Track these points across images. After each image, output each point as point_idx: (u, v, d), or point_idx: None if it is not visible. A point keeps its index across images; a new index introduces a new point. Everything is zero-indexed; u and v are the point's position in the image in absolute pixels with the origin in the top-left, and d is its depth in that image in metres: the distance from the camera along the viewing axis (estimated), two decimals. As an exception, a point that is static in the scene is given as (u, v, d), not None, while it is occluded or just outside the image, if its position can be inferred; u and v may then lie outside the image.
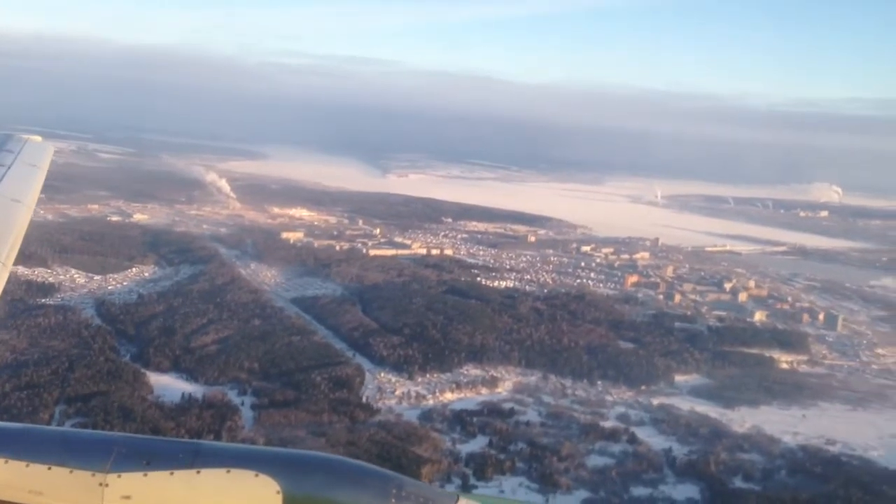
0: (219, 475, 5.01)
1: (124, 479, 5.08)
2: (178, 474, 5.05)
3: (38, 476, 5.17)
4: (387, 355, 73.38)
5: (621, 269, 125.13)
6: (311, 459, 5.27)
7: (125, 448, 5.24)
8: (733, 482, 54.81)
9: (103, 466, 5.12)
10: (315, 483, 4.97)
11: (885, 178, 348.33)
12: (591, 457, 57.40)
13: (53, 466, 5.17)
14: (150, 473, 5.08)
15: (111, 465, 5.12)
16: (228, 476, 5.00)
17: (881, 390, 78.81)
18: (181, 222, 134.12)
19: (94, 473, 5.11)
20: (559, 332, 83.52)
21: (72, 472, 5.13)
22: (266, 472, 4.95)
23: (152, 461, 5.12)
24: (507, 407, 65.60)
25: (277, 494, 4.89)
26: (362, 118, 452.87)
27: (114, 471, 5.10)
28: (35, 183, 14.83)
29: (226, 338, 73.16)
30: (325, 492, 4.92)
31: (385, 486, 4.93)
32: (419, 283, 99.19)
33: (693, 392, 74.00)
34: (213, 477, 5.01)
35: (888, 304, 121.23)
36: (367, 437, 55.20)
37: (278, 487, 4.89)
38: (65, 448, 5.34)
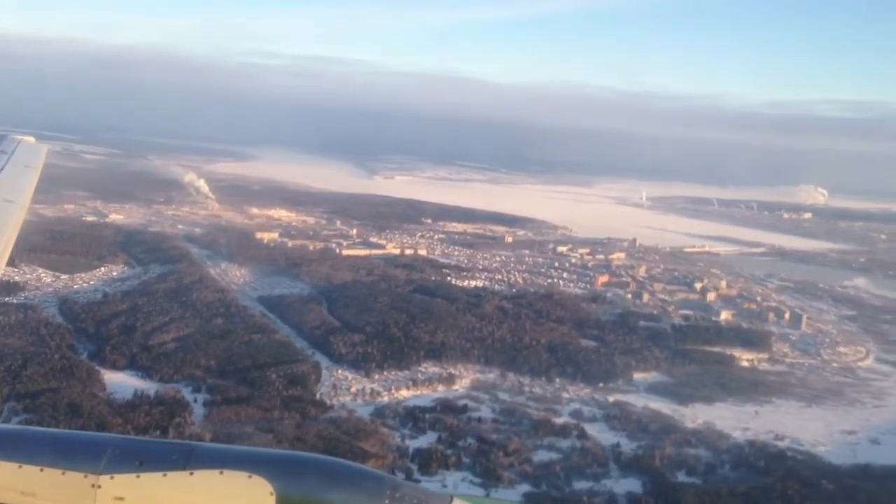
0: (212, 476, 4.98)
1: (117, 481, 5.05)
2: (171, 475, 5.01)
3: (30, 477, 5.13)
4: (346, 353, 73.92)
5: (595, 269, 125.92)
6: (306, 461, 5.24)
7: (118, 449, 5.23)
8: (676, 476, 55.48)
9: (96, 468, 5.09)
10: (309, 484, 4.93)
11: (870, 181, 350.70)
12: (538, 452, 58.03)
13: (46, 468, 5.14)
14: (142, 475, 5.05)
15: (104, 466, 5.10)
16: (222, 477, 4.96)
17: (838, 388, 79.66)
18: (157, 222, 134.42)
19: (87, 475, 5.08)
20: (522, 330, 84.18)
21: (64, 473, 5.11)
22: (260, 474, 4.91)
23: (145, 462, 5.09)
24: (461, 404, 66.21)
25: (271, 496, 4.85)
26: (348, 119, 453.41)
27: (106, 472, 5.07)
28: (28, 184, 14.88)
29: (185, 336, 73.59)
30: (319, 493, 4.90)
31: (379, 488, 4.90)
32: (387, 282, 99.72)
33: (650, 389, 74.70)
34: (206, 478, 4.98)
35: (857, 304, 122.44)
36: (314, 433, 55.70)
37: (272, 489, 4.85)
38: (57, 449, 5.31)
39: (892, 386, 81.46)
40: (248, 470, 4.95)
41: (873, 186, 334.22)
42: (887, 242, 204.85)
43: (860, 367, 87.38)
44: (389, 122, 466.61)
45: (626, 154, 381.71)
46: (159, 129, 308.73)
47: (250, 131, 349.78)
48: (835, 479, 54.51)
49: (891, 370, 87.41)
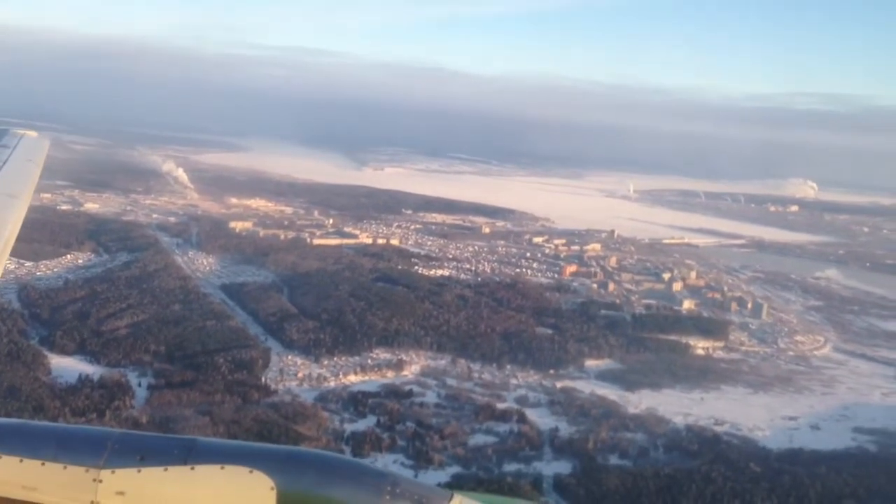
0: (213, 471, 4.98)
1: (118, 475, 5.05)
2: (173, 470, 5.01)
3: (31, 471, 5.14)
4: (298, 339, 74.72)
5: (567, 259, 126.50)
6: (306, 456, 5.25)
7: (119, 444, 5.23)
8: (608, 459, 56.31)
9: (97, 462, 5.09)
10: (310, 480, 4.94)
11: (858, 174, 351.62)
12: (475, 436, 58.90)
13: (47, 462, 5.14)
14: (144, 469, 5.05)
15: (105, 460, 5.10)
16: (223, 472, 4.96)
17: (789, 375, 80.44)
18: (132, 211, 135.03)
19: (88, 469, 5.08)
20: (478, 318, 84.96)
21: (66, 467, 5.11)
22: (261, 469, 4.91)
23: (146, 457, 5.09)
24: (407, 389, 67.05)
25: (272, 491, 4.85)
26: (338, 111, 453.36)
27: (108, 466, 5.07)
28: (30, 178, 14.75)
29: (139, 322, 74.33)
30: (320, 489, 4.91)
31: (379, 484, 4.93)
32: (352, 271, 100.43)
33: (600, 376, 75.50)
34: (207, 473, 4.98)
35: (826, 295, 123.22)
36: (252, 417, 56.55)
37: (272, 484, 4.86)
38: (59, 443, 5.30)
39: (843, 374, 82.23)
40: (248, 465, 4.94)
41: (861, 180, 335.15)
42: (868, 235, 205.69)
43: (815, 356, 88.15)
44: (379, 113, 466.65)
45: (615, 147, 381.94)
46: (147, 120, 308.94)
47: (240, 122, 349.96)
48: (763, 463, 55.29)
49: (846, 359, 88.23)
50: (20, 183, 13.87)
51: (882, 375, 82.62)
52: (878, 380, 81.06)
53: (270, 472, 4.89)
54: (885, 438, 63.81)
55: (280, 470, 4.92)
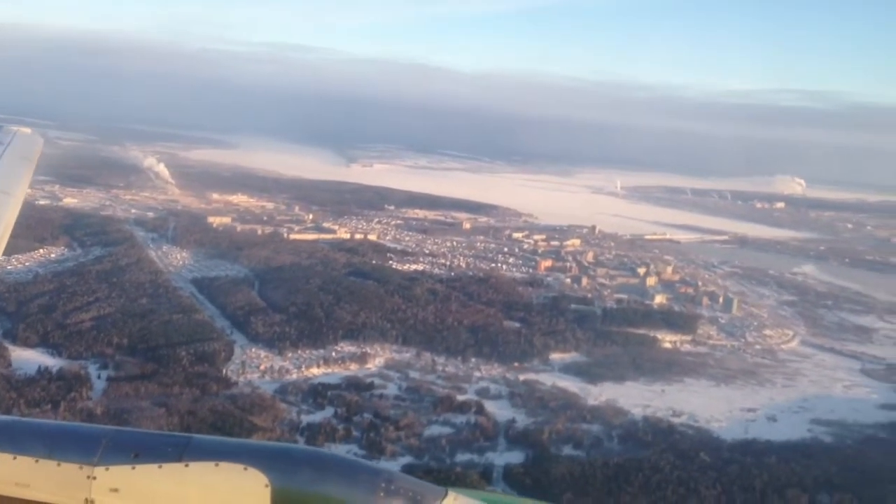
0: (207, 468, 4.96)
1: (112, 472, 5.03)
2: (167, 467, 5.00)
3: (25, 468, 5.12)
4: (263, 332, 75.05)
5: (544, 254, 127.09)
6: (301, 453, 5.22)
7: (113, 441, 5.21)
8: (561, 450, 56.81)
9: (91, 459, 5.08)
10: (304, 477, 4.93)
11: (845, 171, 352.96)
12: (430, 427, 59.37)
13: (41, 459, 5.12)
14: (138, 466, 5.03)
15: (99, 457, 5.08)
16: (217, 469, 4.94)
17: (754, 368, 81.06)
18: (110, 206, 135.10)
19: (82, 466, 5.06)
20: (447, 312, 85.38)
21: (59, 464, 5.10)
22: (255, 466, 4.90)
23: (141, 454, 5.08)
24: (368, 381, 67.45)
25: (266, 488, 4.84)
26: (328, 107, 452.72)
27: (102, 463, 5.05)
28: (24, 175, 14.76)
29: (105, 315, 74.58)
30: (315, 486, 4.90)
31: (374, 480, 4.93)
32: (325, 265, 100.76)
33: (565, 369, 76.00)
34: (201, 470, 4.95)
35: (801, 290, 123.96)
36: (208, 408, 56.90)
37: (267, 481, 4.85)
38: (52, 440, 5.28)
39: (807, 367, 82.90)
40: (243, 462, 4.93)
41: (848, 177, 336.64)
42: (852, 231, 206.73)
43: (782, 350, 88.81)
44: (368, 110, 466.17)
45: (604, 144, 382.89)
46: (135, 116, 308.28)
47: (229, 119, 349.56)
48: (714, 453, 55.89)
49: (813, 352, 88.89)
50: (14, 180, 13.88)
51: (846, 369, 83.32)
52: (842, 373, 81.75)
53: (265, 470, 4.88)
54: (841, 430, 64.47)
55: (275, 467, 4.91)
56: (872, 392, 75.84)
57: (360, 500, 4.85)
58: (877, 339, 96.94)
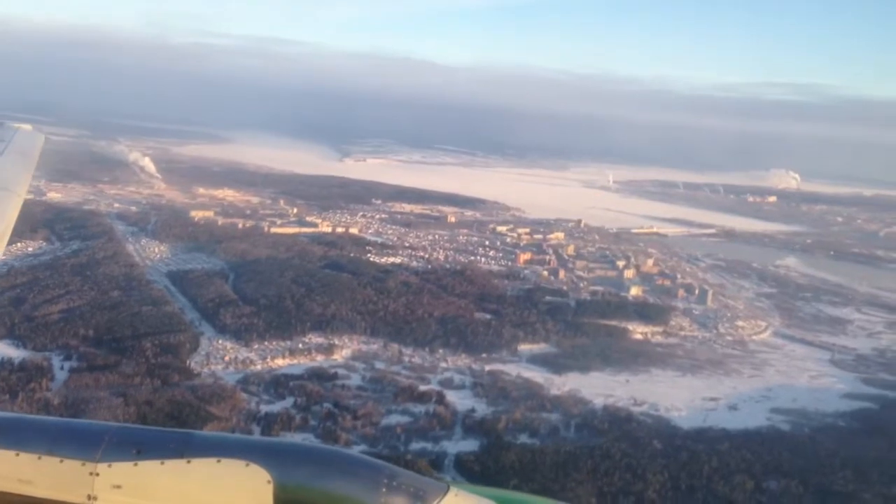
0: (209, 464, 5.00)
1: (115, 469, 5.08)
2: (169, 464, 5.04)
3: (28, 465, 5.16)
4: (231, 324, 75.51)
5: (525, 248, 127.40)
6: (303, 449, 5.30)
7: (116, 437, 5.24)
8: (517, 438, 57.23)
9: (94, 456, 5.11)
10: (306, 473, 4.95)
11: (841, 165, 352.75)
12: (389, 416, 59.81)
13: (44, 456, 5.16)
14: (140, 463, 5.08)
15: (101, 454, 5.12)
16: (219, 465, 4.99)
17: (722, 359, 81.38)
18: (94, 201, 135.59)
19: (85, 463, 5.10)
20: (418, 304, 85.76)
21: (62, 461, 5.13)
22: (257, 462, 4.94)
23: (143, 450, 5.13)
24: (332, 372, 67.90)
25: (268, 484, 4.88)
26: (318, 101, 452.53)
27: (104, 460, 5.10)
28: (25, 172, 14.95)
29: (74, 307, 75.12)
30: (317, 481, 4.92)
31: (376, 476, 4.95)
32: (302, 258, 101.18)
33: (532, 360, 76.36)
34: (203, 466, 5.00)
35: (781, 282, 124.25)
36: (166, 398, 57.37)
37: (269, 477, 4.89)
38: (55, 437, 5.32)
39: (776, 358, 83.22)
40: (245, 458, 4.96)
41: (844, 171, 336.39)
42: (841, 225, 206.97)
43: (753, 341, 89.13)
44: (361, 104, 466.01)
45: (598, 138, 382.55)
46: (127, 111, 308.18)
47: (221, 113, 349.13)
48: (667, 440, 56.28)
49: (783, 343, 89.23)
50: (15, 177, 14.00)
51: (815, 359, 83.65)
52: (810, 363, 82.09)
53: (267, 465, 4.91)
54: (800, 418, 64.82)
55: (277, 463, 4.94)
56: (838, 382, 76.16)
57: (362, 495, 4.86)
58: (851, 331, 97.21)
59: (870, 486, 49.86)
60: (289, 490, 4.88)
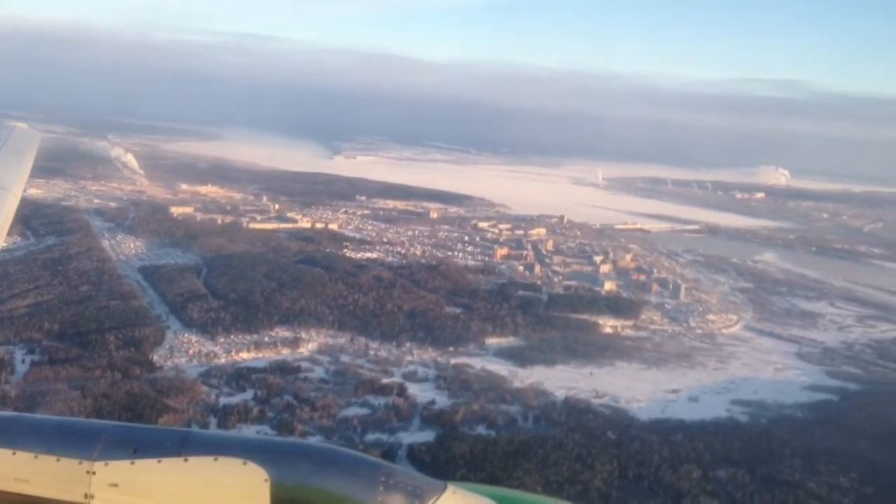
0: (207, 463, 4.99)
1: (111, 467, 5.06)
2: (166, 462, 5.03)
3: (24, 464, 5.14)
4: (198, 318, 75.80)
5: (504, 243, 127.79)
6: (301, 448, 5.30)
7: (112, 436, 5.23)
8: (473, 429, 57.67)
9: (90, 454, 5.09)
10: (304, 471, 4.94)
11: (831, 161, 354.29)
12: (348, 408, 60.20)
13: (40, 454, 5.14)
14: (137, 461, 5.06)
15: (98, 452, 5.10)
16: (216, 464, 4.97)
17: (689, 352, 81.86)
18: (74, 197, 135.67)
19: (82, 461, 5.08)
20: (388, 298, 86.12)
21: (59, 459, 5.11)
22: (254, 460, 4.93)
23: (140, 449, 5.11)
24: (296, 365, 68.27)
25: (266, 482, 4.86)
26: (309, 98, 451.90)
27: (101, 459, 5.08)
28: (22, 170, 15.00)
29: (42, 302, 75.38)
30: (314, 480, 4.91)
31: (374, 475, 4.94)
32: (277, 253, 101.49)
33: (499, 353, 76.78)
34: (200, 465, 4.99)
35: (758, 277, 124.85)
36: (124, 391, 57.68)
37: (266, 475, 4.87)
38: (52, 436, 5.29)
39: (743, 351, 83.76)
40: (242, 457, 4.96)
41: (833, 167, 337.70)
42: (826, 221, 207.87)
43: (723, 334, 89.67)
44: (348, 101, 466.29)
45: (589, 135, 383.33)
46: (115, 108, 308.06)
47: (210, 110, 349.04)
48: (622, 431, 56.76)
49: (752, 337, 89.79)
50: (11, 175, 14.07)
51: (781, 352, 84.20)
52: (776, 356, 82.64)
53: (264, 464, 4.89)
54: (759, 409, 65.35)
55: (274, 461, 4.92)
56: (802, 374, 76.74)
57: (359, 493, 4.85)
58: (822, 325, 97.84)
59: (816, 476, 50.34)
60: (286, 488, 4.86)
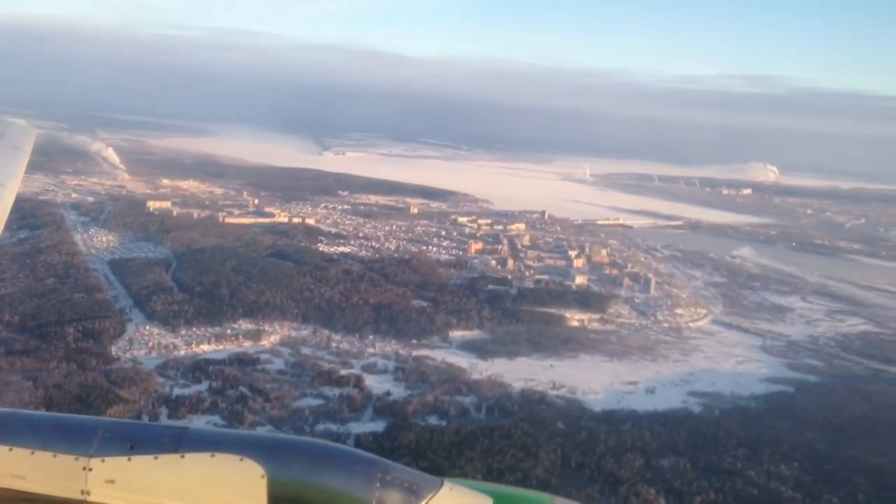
0: (203, 459, 5.00)
1: (108, 464, 5.06)
2: (163, 458, 5.04)
3: (21, 460, 5.15)
4: (162, 311, 76.01)
5: (481, 238, 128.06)
6: (297, 444, 5.27)
7: (109, 432, 5.23)
8: (425, 420, 58.01)
9: (87, 451, 5.10)
10: (300, 467, 4.97)
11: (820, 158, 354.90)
12: (302, 399, 60.52)
13: (37, 451, 5.15)
14: (134, 458, 5.07)
15: (95, 449, 5.11)
16: (213, 460, 4.99)
17: (653, 346, 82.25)
18: (52, 191, 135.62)
19: (78, 458, 5.09)
20: (355, 291, 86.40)
21: (55, 456, 5.13)
22: (251, 457, 4.95)
23: (136, 445, 5.12)
24: (256, 357, 68.55)
25: (262, 479, 4.88)
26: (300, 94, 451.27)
27: (98, 455, 5.09)
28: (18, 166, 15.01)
29: (4, 295, 75.57)
30: (310, 476, 4.93)
31: (370, 471, 4.98)
32: (248, 247, 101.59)
33: (462, 346, 77.07)
34: (197, 461, 5.00)
35: (733, 272, 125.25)
36: (77, 382, 57.91)
37: (263, 472, 4.89)
38: (48, 432, 5.29)
39: (708, 344, 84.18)
40: (239, 453, 4.98)
41: (822, 164, 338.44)
42: (810, 217, 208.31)
43: (689, 328, 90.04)
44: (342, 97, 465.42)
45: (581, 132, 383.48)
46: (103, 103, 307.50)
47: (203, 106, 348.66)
48: (571, 422, 57.09)
49: (719, 330, 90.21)
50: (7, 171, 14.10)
51: (746, 345, 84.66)
52: (740, 349, 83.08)
53: (261, 460, 4.93)
54: (713, 401, 65.76)
55: (270, 458, 4.96)
56: (763, 367, 77.18)
57: (356, 490, 4.89)
58: (790, 318, 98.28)
59: (757, 465, 50.74)
60: (283, 484, 4.89)
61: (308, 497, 4.90)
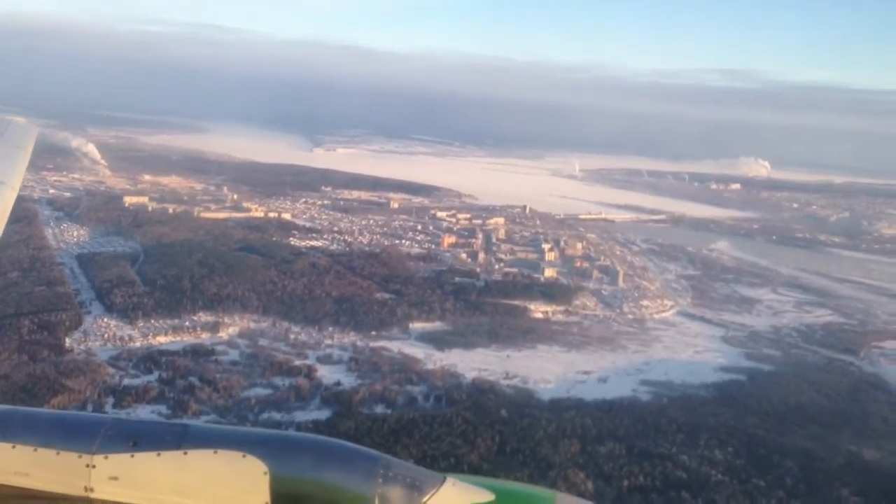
0: (206, 456, 5.03)
1: (111, 461, 5.09)
2: (166, 455, 5.07)
3: (24, 457, 5.16)
4: (121, 303, 76.47)
5: (456, 232, 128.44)
6: (299, 440, 5.29)
7: (112, 429, 5.26)
8: (372, 409, 58.46)
9: (90, 447, 5.13)
10: (303, 464, 4.99)
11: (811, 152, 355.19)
12: (250, 389, 60.97)
13: (40, 448, 5.17)
14: (137, 454, 5.10)
15: (98, 446, 5.14)
16: (216, 457, 5.02)
17: (614, 336, 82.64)
18: (30, 187, 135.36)
19: (81, 455, 5.12)
20: (318, 284, 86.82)
21: (58, 453, 5.14)
22: (254, 453, 4.98)
23: (139, 442, 5.15)
24: (211, 348, 68.98)
25: (265, 475, 4.92)
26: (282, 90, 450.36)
27: (101, 452, 5.11)
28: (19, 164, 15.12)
29: (-36, 287, 76.04)
30: (313, 472, 4.95)
31: (372, 467, 4.98)
32: (218, 241, 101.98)
33: (421, 337, 77.47)
34: (200, 457, 5.03)
35: (707, 265, 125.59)
36: (25, 373, 58.38)
37: (266, 468, 4.93)
38: (51, 429, 5.32)
39: (669, 335, 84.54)
40: (242, 449, 5.01)
41: (814, 158, 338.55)
42: (795, 211, 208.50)
43: (653, 319, 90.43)
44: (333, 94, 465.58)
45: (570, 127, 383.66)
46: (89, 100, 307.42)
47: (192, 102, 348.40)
48: (516, 410, 57.50)
49: (683, 321, 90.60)
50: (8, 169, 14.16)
51: (708, 336, 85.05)
52: (701, 340, 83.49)
53: (263, 457, 4.96)
54: (664, 389, 66.17)
55: (273, 454, 4.98)
56: (720, 357, 77.56)
57: (358, 485, 4.91)
58: (757, 310, 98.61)
59: (692, 450, 51.19)
60: (285, 481, 4.93)
61: (311, 493, 4.95)
